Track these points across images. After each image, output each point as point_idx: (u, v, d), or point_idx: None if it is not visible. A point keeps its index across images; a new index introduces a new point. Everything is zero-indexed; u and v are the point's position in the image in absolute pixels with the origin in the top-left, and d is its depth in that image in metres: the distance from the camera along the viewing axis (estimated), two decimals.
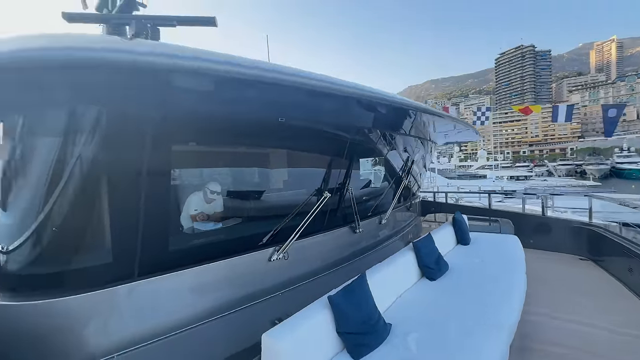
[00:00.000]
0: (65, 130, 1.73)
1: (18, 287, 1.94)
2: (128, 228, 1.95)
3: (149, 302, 2.06)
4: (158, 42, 1.60)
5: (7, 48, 1.19)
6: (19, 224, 1.95)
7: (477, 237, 4.90)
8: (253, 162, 3.17)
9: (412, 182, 5.84)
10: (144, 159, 1.92)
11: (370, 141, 3.90)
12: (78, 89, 1.56)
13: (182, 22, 4.39)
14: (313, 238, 3.12)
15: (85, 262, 1.97)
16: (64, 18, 4.04)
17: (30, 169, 1.83)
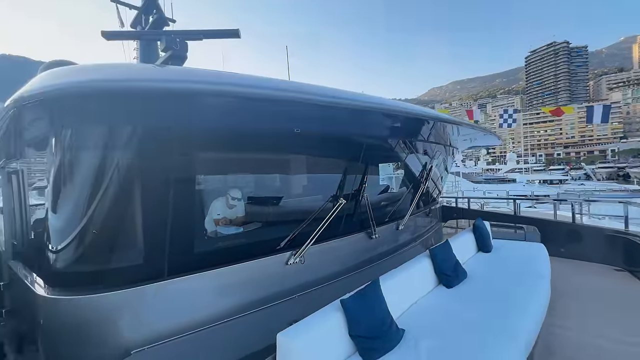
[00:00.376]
0: (104, 145, 1.95)
1: (64, 283, 2.18)
2: (158, 231, 2.15)
3: (175, 301, 2.24)
4: (184, 69, 1.76)
5: (75, 79, 1.39)
6: (65, 227, 2.20)
7: (500, 244, 4.76)
8: (271, 170, 3.32)
9: (432, 187, 5.78)
10: (172, 170, 2.11)
11: (386, 148, 3.94)
12: (120, 111, 1.77)
13: (208, 35, 4.70)
14: (329, 243, 3.21)
15: (120, 262, 2.19)
16: (103, 36, 4.46)
17: (76, 179, 2.07)
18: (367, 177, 3.50)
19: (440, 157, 5.44)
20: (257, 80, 1.75)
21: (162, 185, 2.12)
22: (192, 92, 1.57)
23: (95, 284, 2.07)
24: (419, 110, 2.92)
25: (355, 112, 2.34)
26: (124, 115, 1.84)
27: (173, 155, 2.10)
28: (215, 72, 1.66)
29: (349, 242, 3.49)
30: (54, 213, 2.19)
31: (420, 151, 4.66)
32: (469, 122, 4.28)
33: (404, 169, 4.64)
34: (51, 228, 2.20)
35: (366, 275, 3.38)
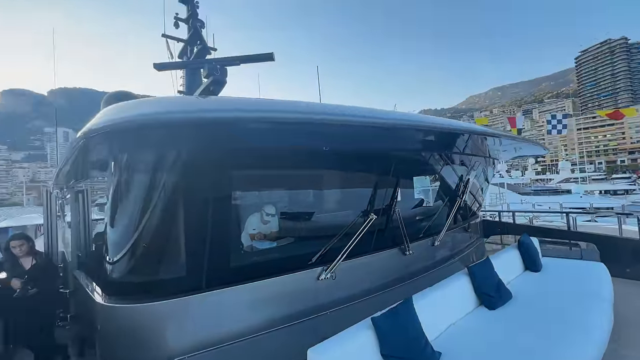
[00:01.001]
0: (154, 168, 2.18)
1: (118, 292, 2.42)
2: (198, 245, 2.32)
3: (213, 313, 2.36)
4: (225, 99, 1.92)
5: (131, 113, 1.61)
6: (120, 240, 2.46)
7: (550, 263, 4.35)
8: (303, 186, 3.41)
9: (470, 200, 5.49)
10: (212, 190, 2.29)
11: (418, 161, 3.87)
12: (169, 138, 1.99)
13: (244, 60, 5.05)
14: (360, 259, 3.19)
15: (166, 273, 2.39)
16: (154, 68, 4.98)
17: (129, 198, 2.33)
18: (399, 192, 3.45)
19: (479, 168, 5.18)
20: (292, 105, 1.87)
21: (204, 203, 2.30)
22: (235, 120, 1.73)
23: (145, 293, 2.27)
24: (448, 124, 2.85)
25: (385, 129, 2.36)
26: (172, 142, 2.06)
27: (213, 175, 2.28)
28: (254, 101, 1.82)
29: (381, 258, 3.43)
30: (111, 228, 2.46)
31: (456, 163, 4.49)
32: (507, 134, 4.04)
33: (439, 181, 4.48)
34: (108, 241, 2.47)
35: (399, 293, 3.28)
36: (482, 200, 6.46)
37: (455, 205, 4.43)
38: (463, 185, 4.65)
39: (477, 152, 4.57)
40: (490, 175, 6.18)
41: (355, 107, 2.19)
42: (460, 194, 4.59)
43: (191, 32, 9.65)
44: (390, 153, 3.20)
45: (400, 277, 3.54)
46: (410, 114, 2.38)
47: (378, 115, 2.23)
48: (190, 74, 9.80)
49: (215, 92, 4.34)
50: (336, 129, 2.26)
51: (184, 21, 9.86)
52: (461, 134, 3.27)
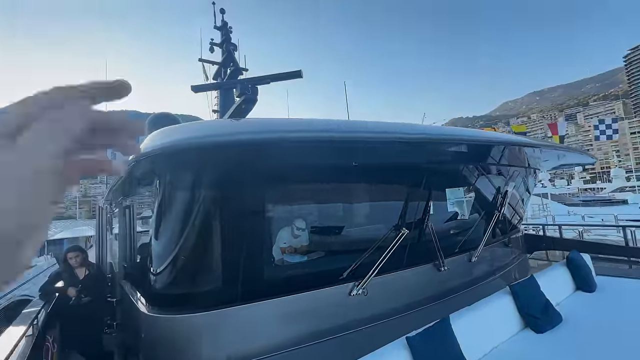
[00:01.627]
0: (193, 186, 2.33)
1: (160, 302, 2.56)
2: (234, 260, 2.41)
3: (246, 326, 2.42)
4: (258, 122, 2.03)
5: (175, 138, 1.77)
6: (162, 254, 2.63)
7: (606, 282, 3.94)
8: (334, 200, 3.43)
9: (510, 212, 5.17)
10: (245, 205, 2.40)
11: (451, 174, 3.75)
12: (208, 159, 2.14)
13: (274, 79, 5.27)
14: (393, 274, 3.11)
15: (203, 286, 2.50)
16: (192, 90, 5.32)
17: (171, 214, 2.49)
18: (431, 205, 3.35)
19: (519, 179, 4.89)
20: (322, 125, 1.94)
21: (239, 219, 2.41)
22: (267, 141, 1.82)
23: (184, 305, 2.39)
24: (483, 137, 2.77)
25: (414, 143, 2.35)
26: (210, 162, 2.21)
27: (248, 192, 2.39)
28: (284, 121, 1.91)
29: (415, 274, 3.32)
30: (155, 241, 2.64)
31: (493, 174, 4.28)
32: (547, 143, 3.80)
33: (475, 194, 4.29)
34: (152, 254, 2.65)
35: (434, 311, 3.13)
36: (523, 213, 6.05)
37: (493, 218, 4.20)
38: (501, 197, 4.41)
39: (516, 163, 4.33)
40: (532, 186, 5.79)
41: (383, 123, 2.21)
42: (498, 206, 4.36)
43: (225, 55, 10.29)
44: (422, 166, 3.15)
45: (435, 294, 3.39)
46: (441, 128, 2.35)
47: (407, 130, 2.23)
48: (224, 93, 10.39)
49: (247, 110, 4.58)
50: (365, 144, 2.29)
51: (219, 45, 10.56)
52: (496, 145, 3.14)
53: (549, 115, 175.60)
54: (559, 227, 7.15)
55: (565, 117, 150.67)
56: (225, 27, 10.59)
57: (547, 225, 7.97)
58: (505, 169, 4.33)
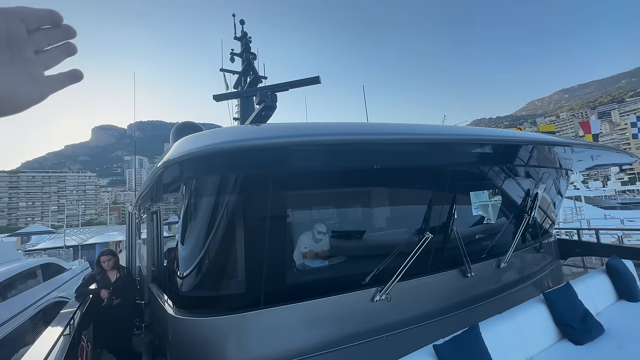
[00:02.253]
0: (218, 191, 2.39)
1: (185, 305, 2.63)
2: (257, 263, 2.44)
3: (268, 330, 2.43)
4: (279, 126, 2.05)
5: (200, 145, 1.82)
6: (188, 257, 2.70)
7: None
8: (356, 204, 3.40)
9: (541, 216, 4.91)
10: (269, 209, 2.42)
11: (476, 176, 3.62)
12: (231, 164, 2.19)
13: (293, 85, 5.35)
14: (417, 280, 3.03)
15: (227, 290, 2.54)
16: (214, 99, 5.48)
17: (197, 219, 2.57)
18: (456, 209, 3.24)
19: (549, 181, 4.64)
20: (341, 128, 1.94)
21: (261, 223, 2.43)
22: (288, 145, 1.84)
23: (209, 308, 2.44)
24: (506, 135, 2.65)
25: (435, 145, 2.29)
26: (236, 167, 2.26)
27: (271, 196, 2.42)
28: (305, 126, 1.92)
29: (440, 280, 3.21)
30: (182, 245, 2.72)
31: (521, 175, 4.09)
32: (581, 142, 3.57)
33: (503, 197, 4.11)
34: (179, 258, 2.73)
35: (462, 318, 3.01)
36: (555, 217, 5.73)
37: (523, 222, 4.00)
38: (531, 200, 4.20)
39: (545, 164, 4.12)
40: (564, 188, 5.49)
41: (405, 125, 2.18)
42: (528, 209, 4.15)
43: (245, 64, 10.59)
44: (446, 168, 3.06)
45: (461, 301, 3.26)
46: (466, 128, 2.28)
47: (430, 131, 2.18)
48: (244, 101, 10.67)
49: (267, 116, 4.67)
50: (386, 147, 2.26)
51: (239, 55, 10.89)
52: (524, 145, 3.00)
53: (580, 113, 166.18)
54: (595, 232, 6.68)
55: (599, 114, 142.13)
56: (245, 37, 10.92)
57: (582, 230, 7.49)
58: (535, 170, 4.13)
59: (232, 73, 11.11)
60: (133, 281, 4.64)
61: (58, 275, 10.07)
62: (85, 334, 3.63)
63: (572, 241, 6.79)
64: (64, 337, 2.84)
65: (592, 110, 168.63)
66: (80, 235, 27.36)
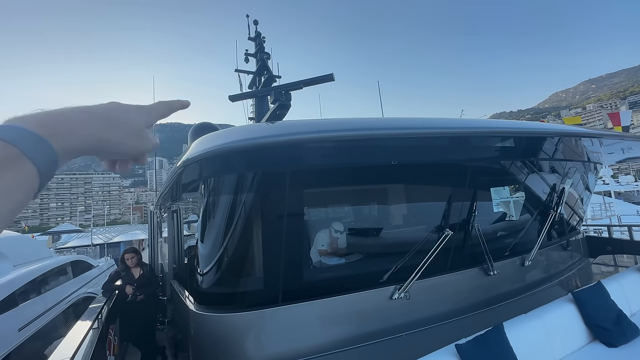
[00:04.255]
0: (236, 189, 2.42)
1: (206, 301, 2.69)
2: (275, 260, 2.45)
3: (287, 327, 2.44)
4: (295, 123, 2.05)
5: (218, 143, 1.85)
6: (208, 254, 2.75)
7: None
8: (374, 201, 3.35)
9: (567, 212, 4.69)
10: (287, 207, 2.43)
11: (498, 170, 3.49)
12: (249, 161, 2.21)
13: (307, 83, 5.34)
14: (437, 278, 2.96)
15: (246, 286, 2.58)
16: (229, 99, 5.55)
17: (216, 216, 2.61)
18: (477, 205, 3.14)
19: (576, 175, 4.42)
20: (358, 123, 1.91)
21: (279, 221, 2.44)
22: (305, 141, 1.83)
23: (229, 304, 2.48)
24: (529, 128, 2.52)
25: (454, 138, 2.22)
26: (254, 164, 2.28)
27: (289, 193, 2.42)
28: (321, 122, 1.91)
29: (461, 278, 3.12)
30: (201, 242, 2.78)
31: (546, 170, 3.92)
32: (611, 133, 3.36)
33: (526, 192, 3.95)
34: (199, 255, 2.79)
35: (484, 318, 2.92)
36: (582, 213, 5.45)
37: (548, 218, 3.83)
38: (557, 195, 4.02)
39: (572, 157, 3.92)
40: (592, 183, 5.21)
41: (423, 119, 2.12)
42: (553, 205, 3.97)
43: (259, 64, 10.69)
44: (467, 163, 2.96)
45: (484, 300, 3.15)
46: (488, 121, 2.19)
47: (449, 124, 2.11)
48: (259, 101, 10.79)
49: (282, 115, 4.68)
50: (404, 142, 2.21)
51: (253, 55, 11.00)
52: (549, 137, 2.86)
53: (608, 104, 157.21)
54: (628, 229, 6.31)
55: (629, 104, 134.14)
56: (258, 37, 11.01)
57: (612, 227, 7.09)
58: (561, 164, 3.94)
59: (247, 73, 11.24)
60: (156, 278, 4.79)
61: (86, 272, 10.57)
62: (113, 328, 3.78)
63: (602, 238, 6.45)
64: (92, 330, 2.97)
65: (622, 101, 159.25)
66: (106, 234, 28.61)
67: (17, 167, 0.32)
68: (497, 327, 2.17)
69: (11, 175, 0.32)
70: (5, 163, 0.31)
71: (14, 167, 0.32)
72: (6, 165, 0.31)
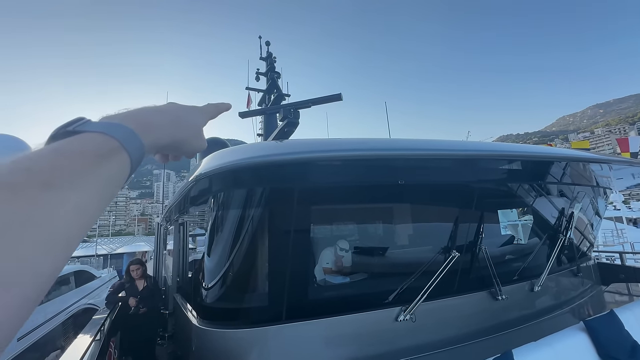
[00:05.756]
0: (245, 205, 2.47)
1: (209, 316, 2.67)
2: (279, 277, 2.45)
3: (290, 345, 2.40)
4: (300, 142, 2.11)
5: (227, 160, 1.91)
6: (213, 269, 2.76)
7: None
8: (379, 221, 3.35)
9: (577, 237, 4.61)
10: (294, 224, 2.45)
11: (505, 193, 3.49)
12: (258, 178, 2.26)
13: (315, 102, 5.49)
14: (443, 301, 2.91)
15: (250, 302, 2.56)
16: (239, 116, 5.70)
17: (223, 232, 2.64)
18: (484, 227, 3.12)
19: (586, 200, 4.38)
20: (365, 144, 1.96)
21: (285, 238, 2.46)
22: (313, 160, 1.89)
23: (233, 320, 2.46)
24: (538, 152, 2.55)
25: (461, 160, 2.26)
26: (263, 181, 2.33)
27: (296, 211, 2.46)
28: (334, 141, 1.97)
29: (468, 302, 3.06)
30: (207, 257, 2.79)
31: (554, 194, 3.90)
32: (620, 158, 3.37)
33: (534, 216, 3.91)
34: (205, 269, 2.79)
35: (493, 344, 2.83)
36: (593, 239, 5.34)
37: (557, 243, 3.78)
38: (566, 220, 3.97)
39: (580, 181, 3.90)
40: (602, 208, 5.14)
41: (432, 140, 2.17)
42: (562, 230, 3.92)
43: (269, 83, 11.03)
44: (474, 185, 2.98)
45: (492, 325, 3.07)
46: (496, 144, 2.24)
47: (457, 146, 2.16)
48: (268, 118, 11.05)
49: (290, 132, 4.79)
50: (412, 162, 2.25)
51: (264, 74, 11.38)
52: (557, 162, 2.88)
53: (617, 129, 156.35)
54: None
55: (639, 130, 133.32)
56: (270, 57, 11.42)
57: (625, 253, 6.91)
58: (569, 188, 3.92)
59: (257, 91, 11.59)
60: (159, 291, 4.77)
61: (88, 283, 10.55)
62: (113, 340, 3.75)
63: (615, 265, 6.26)
64: (95, 342, 2.95)
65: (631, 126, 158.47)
66: (110, 245, 28.68)
67: (117, 158, 0.37)
68: (506, 354, 2.11)
69: (113, 165, 0.36)
70: (109, 154, 0.36)
71: (115, 157, 0.37)
72: (110, 156, 0.36)
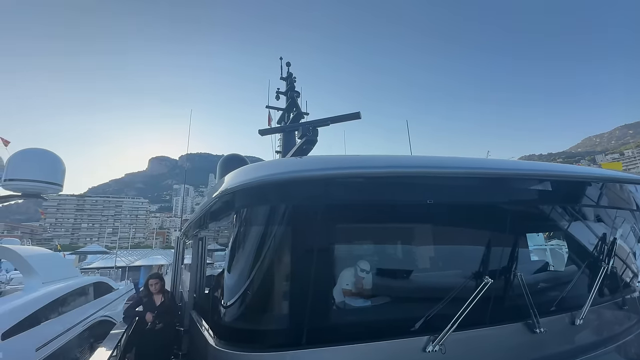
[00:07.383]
0: (267, 223, 2.41)
1: (227, 337, 2.57)
2: (303, 299, 2.34)
3: None
4: (321, 158, 2.07)
5: (251, 176, 1.89)
6: (232, 289, 2.68)
7: None
8: (405, 242, 3.18)
9: (620, 267, 4.23)
10: (315, 245, 2.37)
11: (540, 216, 3.27)
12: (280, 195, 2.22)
13: (334, 120, 5.48)
14: (476, 331, 2.68)
15: (270, 324, 2.45)
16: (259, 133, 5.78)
17: (245, 249, 2.58)
18: (519, 251, 2.91)
19: (627, 226, 4.05)
20: (395, 160, 1.89)
21: (308, 259, 2.37)
22: (344, 176, 1.83)
23: (252, 342, 2.35)
24: (577, 172, 2.39)
25: (498, 179, 2.13)
26: (286, 198, 2.28)
27: (319, 230, 2.38)
28: (359, 158, 1.92)
29: (503, 333, 2.81)
30: (227, 274, 2.73)
31: (591, 219, 3.63)
32: None
33: (572, 241, 3.64)
34: (224, 288, 2.72)
35: None
36: (636, 269, 4.90)
37: (600, 272, 3.46)
38: (607, 247, 3.66)
39: (621, 204, 3.62)
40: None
41: (463, 158, 2.07)
42: (604, 257, 3.61)
43: (289, 101, 11.30)
44: (508, 206, 2.81)
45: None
46: (532, 163, 2.10)
47: (492, 165, 2.04)
48: (287, 135, 11.24)
49: (308, 150, 4.77)
50: (442, 181, 2.15)
51: (284, 94, 11.71)
52: (595, 183, 2.68)
53: None
54: None
55: None
56: (290, 77, 11.77)
57: None
58: (609, 212, 3.64)
59: (277, 110, 11.87)
60: (176, 306, 4.72)
61: (106, 295, 10.70)
62: (129, 357, 3.69)
63: None
64: (112, 358, 2.90)
65: None
66: (129, 257, 29.28)
67: None
68: None
69: None
70: None
71: None
72: None
